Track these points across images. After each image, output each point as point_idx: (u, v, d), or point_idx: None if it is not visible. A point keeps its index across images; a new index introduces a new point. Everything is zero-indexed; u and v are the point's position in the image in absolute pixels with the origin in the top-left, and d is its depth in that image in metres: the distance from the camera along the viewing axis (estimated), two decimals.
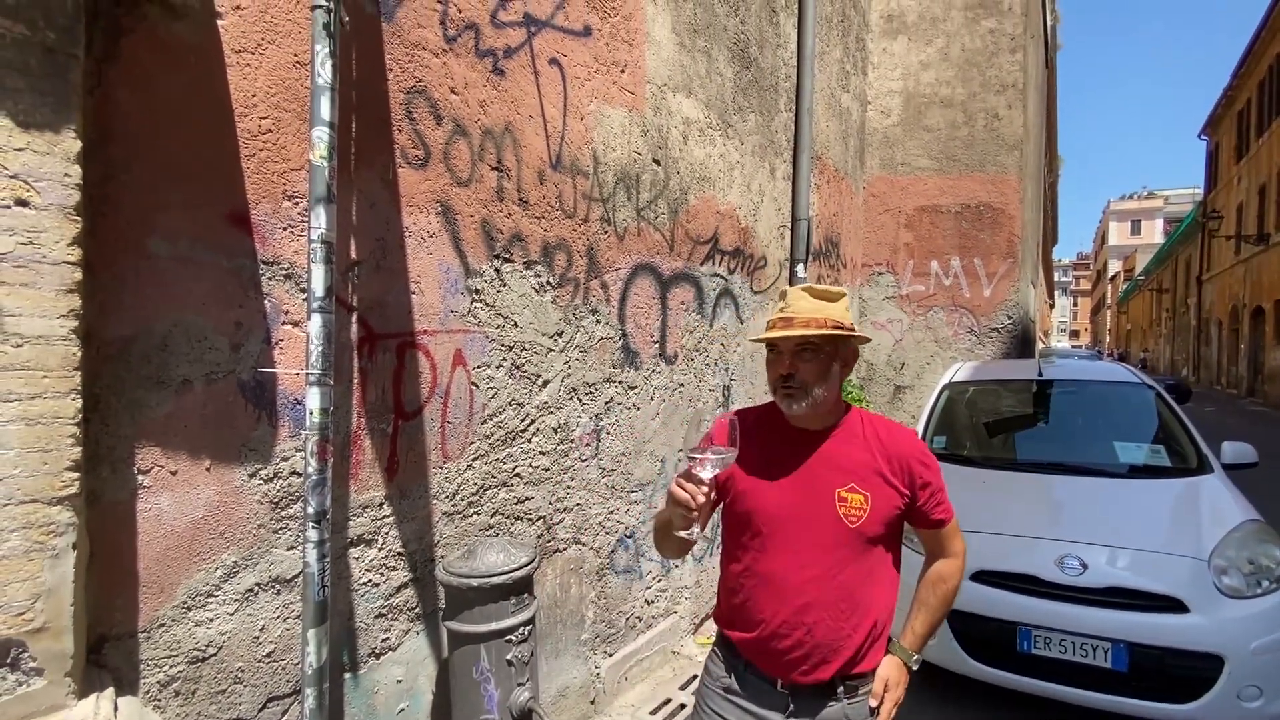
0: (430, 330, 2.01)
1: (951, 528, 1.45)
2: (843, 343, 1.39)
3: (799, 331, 1.34)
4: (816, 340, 1.36)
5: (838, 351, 1.39)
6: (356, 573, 1.85)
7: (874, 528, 1.34)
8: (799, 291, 1.41)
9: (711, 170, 3.51)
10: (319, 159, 1.47)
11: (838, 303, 1.40)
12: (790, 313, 1.38)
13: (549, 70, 2.43)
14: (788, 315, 1.38)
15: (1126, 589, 2.49)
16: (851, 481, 1.35)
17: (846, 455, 1.38)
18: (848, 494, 1.34)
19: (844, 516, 1.33)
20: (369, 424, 1.85)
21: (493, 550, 1.86)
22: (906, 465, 1.38)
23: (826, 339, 1.36)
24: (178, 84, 1.45)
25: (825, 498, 1.35)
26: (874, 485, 1.35)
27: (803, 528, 1.35)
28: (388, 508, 1.92)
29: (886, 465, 1.37)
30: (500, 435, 2.28)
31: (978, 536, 2.87)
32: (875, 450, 1.39)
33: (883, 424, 1.45)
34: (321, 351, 1.48)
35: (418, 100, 1.96)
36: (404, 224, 1.92)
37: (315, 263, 1.47)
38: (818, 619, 1.33)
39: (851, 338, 1.39)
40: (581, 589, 2.71)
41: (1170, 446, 3.38)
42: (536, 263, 2.40)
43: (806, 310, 1.37)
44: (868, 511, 1.33)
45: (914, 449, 1.41)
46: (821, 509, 1.34)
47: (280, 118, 1.63)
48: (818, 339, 1.35)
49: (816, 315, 1.35)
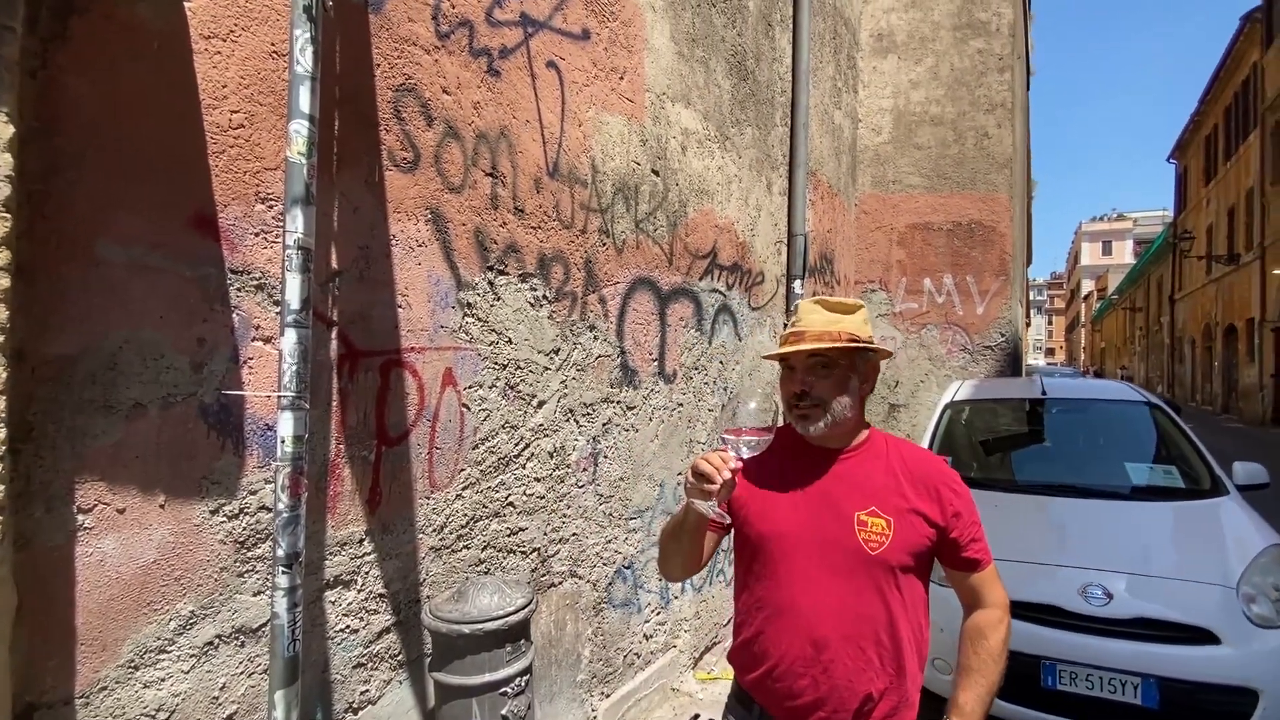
0: (418, 347, 1.84)
1: (990, 574, 1.28)
2: (860, 357, 1.28)
3: (810, 345, 1.23)
4: (830, 354, 1.24)
5: (855, 366, 1.27)
6: (333, 618, 1.66)
7: (898, 556, 1.20)
8: (811, 304, 1.30)
9: (710, 183, 3.40)
10: (297, 155, 1.31)
11: (854, 315, 1.28)
12: (802, 326, 1.27)
13: (546, 73, 2.30)
14: (799, 329, 1.27)
15: (1154, 620, 2.37)
16: (873, 505, 1.23)
17: (868, 477, 1.26)
18: (868, 518, 1.22)
19: (864, 542, 1.20)
20: (349, 451, 1.67)
21: (485, 591, 1.68)
22: (935, 491, 1.25)
23: (842, 352, 1.25)
24: (138, 71, 1.29)
25: (844, 520, 1.22)
26: (897, 510, 1.22)
27: (818, 552, 1.22)
28: (368, 544, 1.73)
29: (912, 490, 1.25)
30: (493, 461, 2.10)
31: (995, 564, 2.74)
32: (900, 473, 1.26)
33: (908, 447, 1.33)
34: (296, 371, 1.31)
35: (407, 99, 1.81)
36: (391, 231, 1.76)
37: (291, 271, 1.31)
38: (835, 657, 1.19)
39: (871, 351, 1.27)
40: (578, 626, 2.52)
41: (1182, 467, 3.29)
42: (532, 275, 2.24)
43: (819, 323, 1.26)
44: (890, 538, 1.20)
45: (943, 474, 1.28)
46: (839, 532, 1.22)
47: (254, 112, 1.47)
48: (831, 352, 1.24)
49: (830, 329, 1.24)
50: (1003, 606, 1.28)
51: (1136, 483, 3.25)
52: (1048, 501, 3.13)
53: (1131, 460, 3.39)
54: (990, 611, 1.27)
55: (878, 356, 1.31)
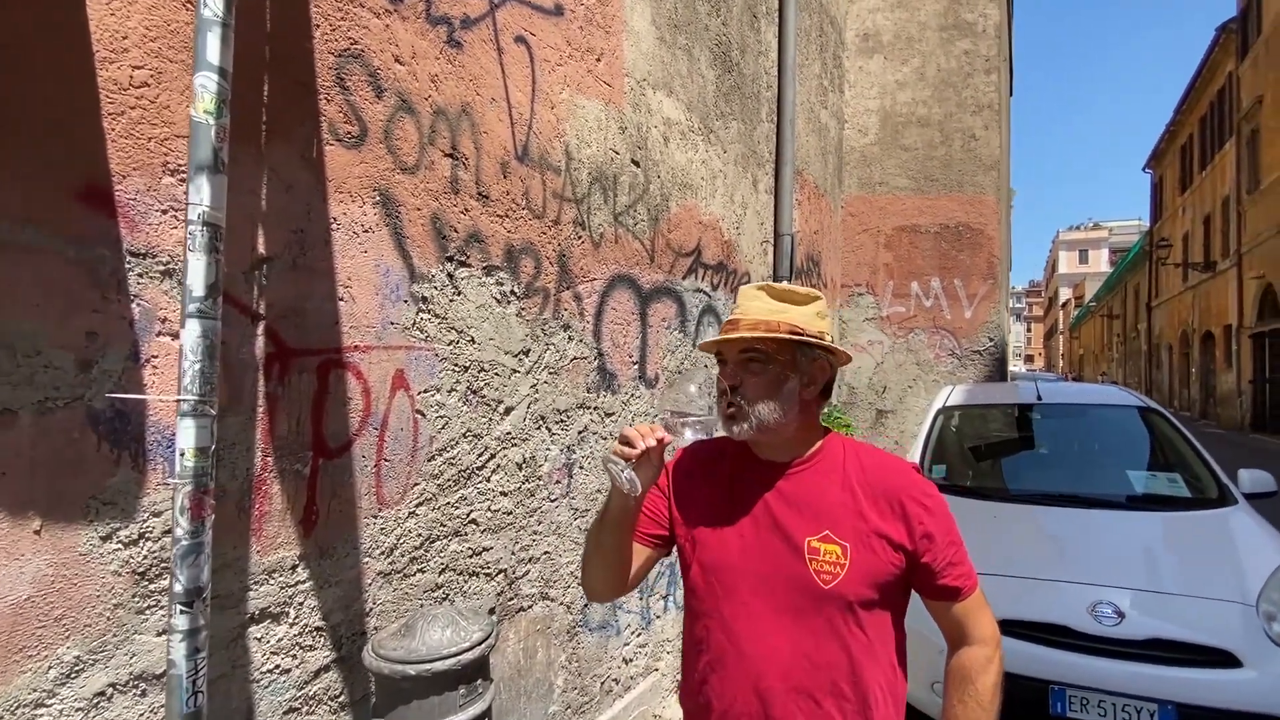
0: (364, 346, 1.63)
1: (974, 603, 1.07)
2: (803, 354, 1.08)
3: (741, 334, 1.05)
4: (763, 347, 1.06)
5: (795, 364, 1.07)
6: (259, 657, 1.43)
7: (856, 589, 1.01)
8: (754, 290, 1.11)
9: (694, 177, 3.22)
10: (203, 114, 1.11)
11: (804, 306, 1.09)
12: (739, 314, 1.10)
13: (515, 49, 2.10)
14: (735, 317, 1.09)
15: (1170, 640, 2.20)
16: (825, 529, 1.04)
17: (821, 495, 1.07)
18: (821, 544, 1.03)
19: (816, 573, 1.02)
20: (279, 465, 1.45)
21: (436, 624, 1.46)
22: (900, 507, 1.05)
23: (779, 347, 1.06)
24: (13, 15, 1.08)
25: (793, 548, 1.04)
26: (856, 533, 1.03)
27: (764, 587, 1.04)
28: (302, 571, 1.51)
29: (873, 506, 1.05)
30: (453, 474, 1.89)
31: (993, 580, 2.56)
32: (859, 487, 1.07)
33: (870, 454, 1.12)
34: (200, 370, 1.10)
35: (352, 66, 1.60)
36: (331, 213, 1.55)
37: (194, 251, 1.10)
38: (785, 713, 1.01)
39: (818, 348, 1.08)
40: (550, 653, 2.31)
41: (1185, 475, 3.15)
42: (499, 268, 2.04)
43: (757, 312, 1.08)
44: (846, 567, 1.02)
45: (910, 485, 1.07)
46: (787, 563, 1.04)
47: (163, 70, 1.26)
48: (765, 345, 1.06)
49: (769, 318, 1.06)
50: (992, 642, 1.07)
51: (1139, 491, 3.10)
52: (1048, 512, 2.97)
53: (1133, 468, 3.25)
54: (977, 650, 1.07)
55: (828, 356, 1.10)
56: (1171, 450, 3.37)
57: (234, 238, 1.34)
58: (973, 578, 1.08)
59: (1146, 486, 3.12)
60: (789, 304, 1.09)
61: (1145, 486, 3.12)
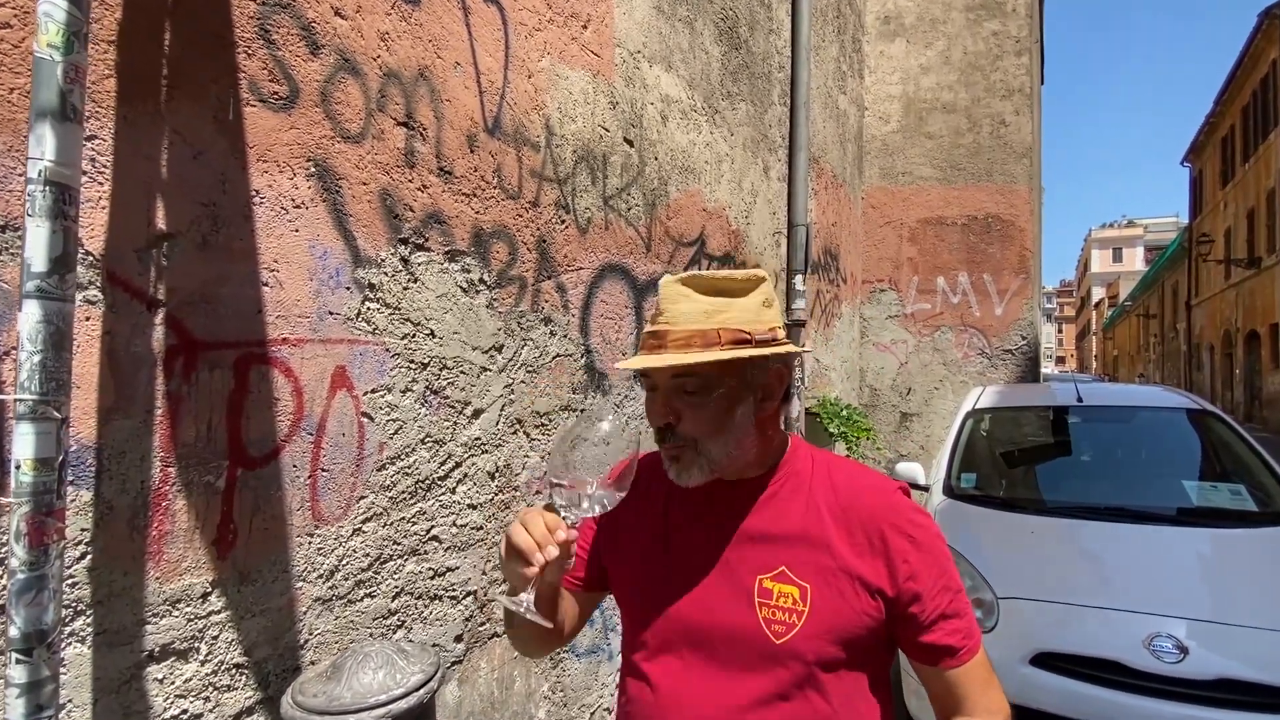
0: (294, 339, 1.41)
1: (976, 669, 0.80)
2: (754, 366, 0.82)
3: (672, 359, 0.78)
4: (703, 371, 0.79)
5: (747, 382, 0.82)
6: (160, 701, 1.22)
7: (816, 644, 0.77)
8: (677, 286, 0.83)
9: (696, 160, 2.98)
10: (46, 49, 0.90)
11: (748, 297, 0.83)
12: (664, 323, 0.82)
13: (485, 9, 1.88)
14: (659, 327, 0.83)
15: (1242, 681, 1.90)
16: (782, 565, 0.81)
17: (779, 522, 0.83)
18: (773, 584, 0.80)
19: (766, 622, 0.78)
20: (184, 476, 1.24)
21: (368, 665, 1.24)
22: (879, 538, 0.80)
23: (724, 369, 0.80)
24: None
25: (738, 589, 0.82)
26: (820, 571, 0.79)
27: (702, 640, 0.82)
28: (217, 599, 1.30)
29: (844, 537, 0.81)
30: (408, 485, 1.67)
31: (1033, 605, 2.28)
32: (827, 512, 0.82)
33: (844, 470, 0.87)
34: (41, 363, 0.89)
35: (280, 17, 1.39)
36: (252, 185, 1.34)
37: (34, 216, 0.89)
38: None
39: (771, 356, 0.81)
40: (530, 682, 2.08)
41: (1250, 486, 2.81)
42: (464, 254, 1.82)
43: (687, 318, 0.81)
44: (804, 615, 0.78)
45: (893, 510, 0.82)
46: (728, 609, 0.82)
47: (30, 9, 1.05)
48: (705, 369, 0.79)
49: (704, 325, 0.80)
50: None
51: (1196, 503, 2.77)
52: (1091, 526, 2.65)
53: (1187, 477, 2.91)
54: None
55: (785, 358, 0.84)
56: (1230, 457, 3.03)
57: (123, 210, 1.14)
58: (975, 636, 0.81)
59: (1205, 498, 2.79)
60: (726, 296, 0.82)
61: (1203, 498, 2.79)
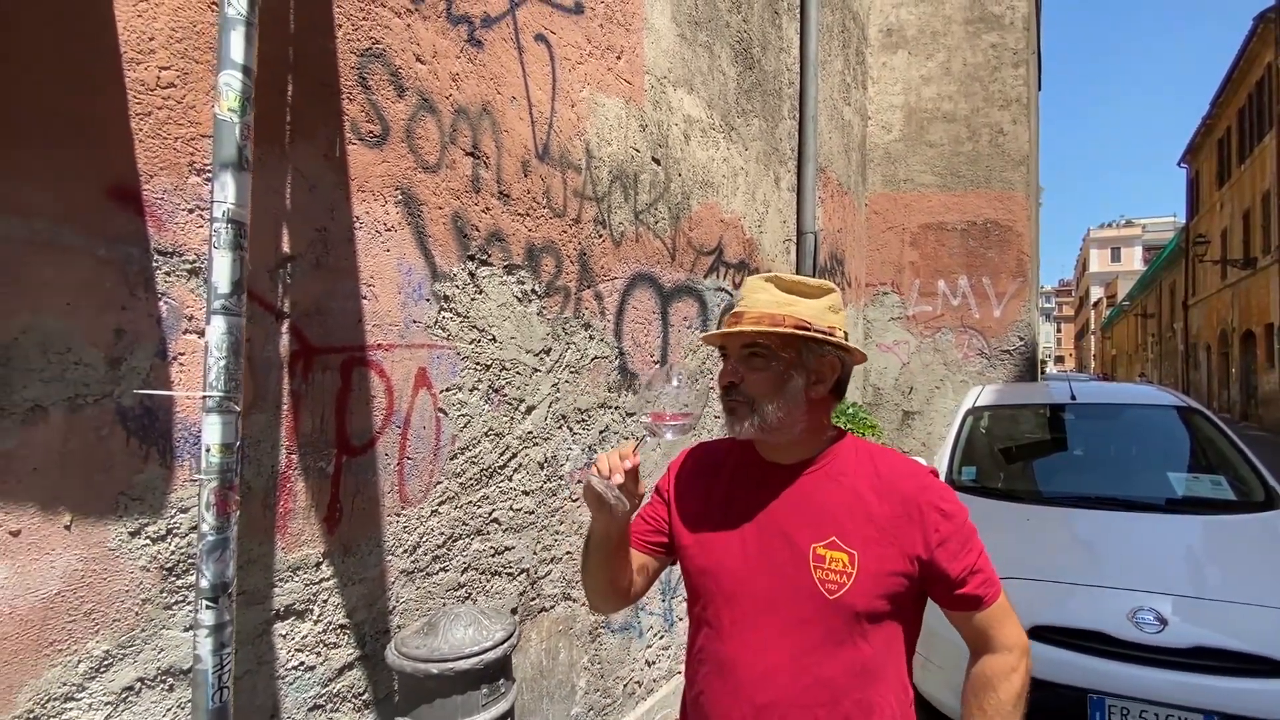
0: (386, 344, 1.63)
1: (997, 611, 1.01)
2: (810, 350, 1.03)
3: (744, 328, 1.01)
4: (767, 342, 1.01)
5: (801, 361, 1.02)
6: (284, 654, 1.44)
7: (865, 600, 0.96)
8: (760, 281, 1.06)
9: (714, 174, 3.20)
10: (227, 112, 1.11)
11: (815, 300, 1.04)
12: (743, 306, 1.05)
13: (535, 47, 2.10)
14: (739, 310, 1.05)
15: (1215, 649, 2.11)
16: (833, 535, 0.99)
17: (829, 499, 1.02)
18: (826, 551, 0.98)
19: (821, 583, 0.97)
20: (303, 462, 1.46)
21: (459, 623, 1.45)
22: (917, 512, 1.00)
23: (784, 342, 1.01)
24: (39, 15, 1.09)
25: (797, 556, 1.00)
26: (865, 540, 0.98)
27: (765, 596, 1.00)
28: (327, 568, 1.51)
29: (886, 511, 1.00)
30: (474, 473, 1.89)
31: (1029, 584, 2.49)
32: (870, 491, 1.02)
33: (884, 457, 1.08)
34: (225, 367, 1.10)
35: (374, 66, 1.61)
36: (354, 213, 1.56)
37: (219, 248, 1.10)
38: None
39: (826, 344, 1.02)
40: (572, 654, 2.30)
41: (1229, 477, 3.03)
42: (520, 267, 2.04)
43: (763, 304, 1.03)
44: (854, 576, 0.96)
45: (927, 489, 1.02)
46: (791, 572, 0.99)
47: (189, 70, 1.27)
48: (769, 340, 1.01)
49: (775, 311, 1.01)
50: (1018, 649, 1.01)
51: (1180, 494, 2.99)
52: (1083, 514, 2.87)
53: (1173, 469, 3.13)
54: (1001, 657, 1.00)
55: (838, 353, 1.04)
56: (1214, 451, 3.25)
57: (258, 236, 1.36)
58: (996, 585, 1.02)
59: (1188, 489, 3.01)
60: (798, 296, 1.04)
61: (1186, 489, 3.01)
